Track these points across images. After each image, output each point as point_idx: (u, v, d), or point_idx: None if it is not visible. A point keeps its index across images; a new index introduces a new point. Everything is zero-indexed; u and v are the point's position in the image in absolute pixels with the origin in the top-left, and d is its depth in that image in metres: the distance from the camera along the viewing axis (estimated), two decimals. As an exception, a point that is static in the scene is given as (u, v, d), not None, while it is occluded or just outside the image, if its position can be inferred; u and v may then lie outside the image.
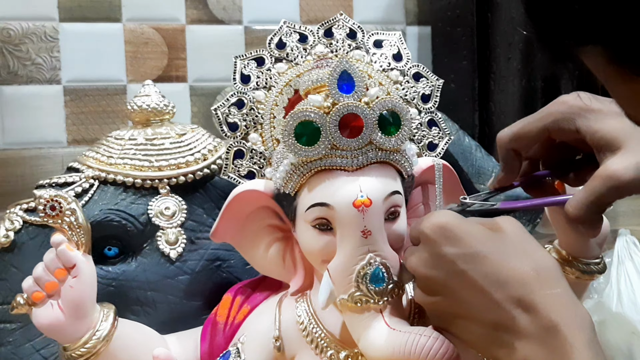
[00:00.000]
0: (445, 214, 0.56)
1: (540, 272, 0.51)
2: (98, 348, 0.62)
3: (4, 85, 1.08)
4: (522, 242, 0.54)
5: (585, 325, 0.49)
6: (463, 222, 0.55)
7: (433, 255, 0.55)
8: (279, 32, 0.70)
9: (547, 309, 0.49)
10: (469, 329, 0.54)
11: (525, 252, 0.53)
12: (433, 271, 0.55)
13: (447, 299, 0.55)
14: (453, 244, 0.53)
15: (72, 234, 0.62)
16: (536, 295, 0.50)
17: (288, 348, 0.65)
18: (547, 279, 0.51)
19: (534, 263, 0.52)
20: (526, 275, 0.51)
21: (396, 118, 0.61)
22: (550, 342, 0.48)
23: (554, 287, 0.51)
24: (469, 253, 0.53)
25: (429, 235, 0.55)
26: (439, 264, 0.54)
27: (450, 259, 0.53)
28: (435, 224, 0.55)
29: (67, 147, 1.10)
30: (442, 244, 0.54)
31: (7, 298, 0.72)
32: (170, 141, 0.77)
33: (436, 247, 0.54)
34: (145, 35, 1.13)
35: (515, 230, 0.55)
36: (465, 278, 0.52)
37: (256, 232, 0.67)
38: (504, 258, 0.52)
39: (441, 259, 0.54)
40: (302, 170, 0.61)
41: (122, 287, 0.73)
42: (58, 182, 0.74)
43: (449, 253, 0.53)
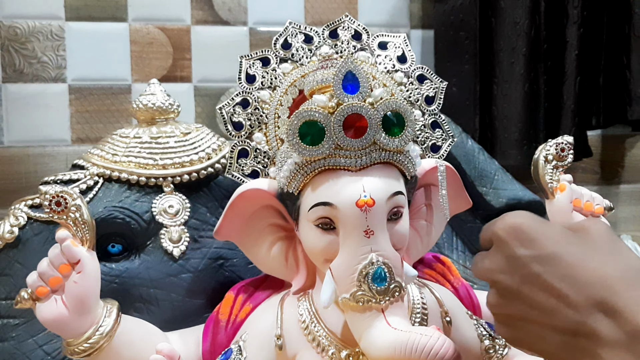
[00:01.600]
0: (520, 214, 0.52)
1: (625, 273, 0.47)
2: (101, 344, 0.62)
3: (10, 83, 1.08)
4: (605, 243, 0.50)
5: None
6: (539, 222, 0.51)
7: (506, 258, 0.51)
8: (284, 33, 0.70)
9: (632, 312, 0.45)
10: (546, 337, 0.50)
11: (609, 252, 0.49)
12: (507, 275, 0.51)
13: (521, 304, 0.50)
14: (527, 245, 0.50)
15: (77, 230, 0.63)
16: (620, 298, 0.45)
17: (290, 346, 0.65)
18: (633, 280, 0.46)
19: (618, 263, 0.48)
20: (608, 277, 0.47)
21: (400, 119, 0.61)
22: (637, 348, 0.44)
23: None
24: (544, 254, 0.49)
25: (502, 237, 0.51)
26: (512, 267, 0.50)
27: (524, 261, 0.50)
28: (509, 225, 0.51)
29: (72, 146, 1.11)
30: (515, 246, 0.50)
31: (11, 293, 0.72)
32: (175, 140, 0.77)
33: (509, 249, 0.51)
34: (150, 35, 1.13)
35: (599, 230, 0.51)
36: (540, 281, 0.49)
37: (259, 231, 0.68)
38: (583, 259, 0.48)
39: (515, 261, 0.50)
40: (305, 170, 0.61)
41: (125, 284, 0.73)
42: (63, 179, 0.75)
43: (523, 255, 0.50)
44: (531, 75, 1.14)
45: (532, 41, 1.13)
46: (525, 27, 1.13)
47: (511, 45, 1.14)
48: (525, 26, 1.13)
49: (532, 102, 1.15)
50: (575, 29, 1.15)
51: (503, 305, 0.52)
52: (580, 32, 1.15)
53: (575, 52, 1.16)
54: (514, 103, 1.14)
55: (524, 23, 1.13)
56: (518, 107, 1.14)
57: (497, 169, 0.90)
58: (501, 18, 1.15)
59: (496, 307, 0.53)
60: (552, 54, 1.16)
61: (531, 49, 1.14)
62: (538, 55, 1.14)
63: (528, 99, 1.14)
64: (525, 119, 1.14)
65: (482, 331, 0.70)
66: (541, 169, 0.71)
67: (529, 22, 1.13)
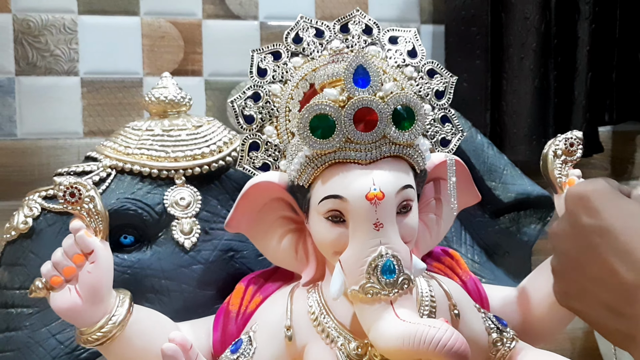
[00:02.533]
0: (593, 182, 0.52)
1: None
2: (114, 333, 0.63)
3: (23, 75, 1.09)
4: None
5: None
6: (608, 193, 0.51)
7: (571, 225, 0.52)
8: (296, 27, 0.71)
9: None
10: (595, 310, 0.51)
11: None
12: (568, 243, 0.52)
13: (579, 274, 0.51)
14: (591, 214, 0.50)
15: (91, 221, 0.64)
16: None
17: (299, 337, 0.66)
18: None
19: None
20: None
21: (410, 113, 0.62)
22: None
23: None
24: (604, 226, 0.49)
25: (570, 203, 0.52)
26: (574, 236, 0.51)
27: (586, 231, 0.50)
28: (578, 192, 0.51)
29: (84, 138, 1.12)
30: (580, 214, 0.51)
31: (25, 283, 0.73)
32: (187, 133, 0.78)
33: (575, 216, 0.51)
34: (162, 29, 1.14)
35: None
36: (596, 253, 0.49)
37: (270, 224, 0.68)
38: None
39: (578, 230, 0.51)
40: (316, 163, 0.62)
41: (137, 274, 0.74)
42: (76, 170, 0.75)
43: (585, 224, 0.50)
44: (541, 70, 1.14)
45: (543, 36, 1.13)
46: (536, 22, 1.13)
47: (521, 41, 1.14)
48: (536, 21, 1.13)
49: (542, 98, 1.15)
50: (587, 24, 1.15)
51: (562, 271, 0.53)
52: (592, 28, 1.15)
53: (587, 47, 1.16)
54: (524, 98, 1.14)
55: (534, 18, 1.13)
56: (528, 102, 1.14)
57: (506, 163, 0.90)
58: (511, 13, 1.15)
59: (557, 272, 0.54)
60: (563, 49, 1.16)
61: (541, 44, 1.14)
62: (548, 50, 1.14)
63: (538, 94, 1.14)
64: (534, 114, 1.15)
65: (489, 324, 0.70)
66: (550, 163, 0.72)
67: (540, 18, 1.13)
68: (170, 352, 0.59)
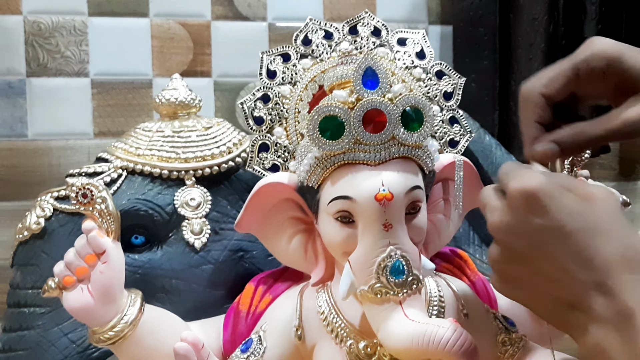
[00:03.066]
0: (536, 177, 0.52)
1: (625, 254, 0.48)
2: (125, 332, 0.64)
3: (34, 77, 1.10)
4: (612, 219, 0.50)
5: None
6: (554, 190, 0.51)
7: (517, 221, 0.52)
8: (304, 29, 0.71)
9: (625, 293, 0.47)
10: (543, 302, 0.52)
11: (614, 230, 0.50)
12: (514, 238, 0.52)
13: (525, 268, 0.52)
14: (540, 214, 0.50)
15: (103, 221, 0.64)
16: (616, 279, 0.47)
17: (309, 337, 0.66)
18: (633, 262, 0.48)
19: (621, 244, 0.49)
20: (610, 257, 0.48)
21: (419, 114, 0.62)
22: (625, 328, 0.46)
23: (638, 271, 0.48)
24: (555, 227, 0.50)
25: (516, 200, 0.51)
26: (521, 232, 0.51)
27: (535, 229, 0.50)
28: (524, 188, 0.51)
29: (94, 139, 1.13)
30: (528, 213, 0.51)
31: (37, 282, 0.74)
32: (197, 134, 0.78)
33: (521, 214, 0.51)
34: (171, 30, 1.15)
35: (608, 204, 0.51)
36: (548, 252, 0.50)
37: (279, 224, 0.69)
38: (590, 236, 0.49)
39: (525, 227, 0.51)
40: (325, 164, 0.62)
41: (147, 274, 0.74)
42: (88, 171, 0.76)
43: (535, 223, 0.50)
44: (549, 71, 1.14)
45: (551, 37, 1.13)
46: (544, 23, 1.13)
47: (529, 42, 1.14)
48: (544, 22, 1.13)
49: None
50: (593, 25, 1.15)
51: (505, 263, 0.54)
52: (598, 28, 1.15)
53: (593, 48, 1.15)
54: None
55: (542, 19, 1.13)
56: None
57: (514, 164, 0.90)
58: (519, 14, 1.15)
59: (498, 263, 0.54)
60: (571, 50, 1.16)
61: (549, 45, 1.14)
62: (556, 51, 1.14)
63: (546, 95, 1.14)
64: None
65: (498, 324, 0.70)
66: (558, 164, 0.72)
67: (548, 18, 1.13)
68: (182, 351, 0.60)
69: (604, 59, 0.57)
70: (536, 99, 0.59)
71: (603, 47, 0.57)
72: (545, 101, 0.59)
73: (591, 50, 0.58)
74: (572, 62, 0.58)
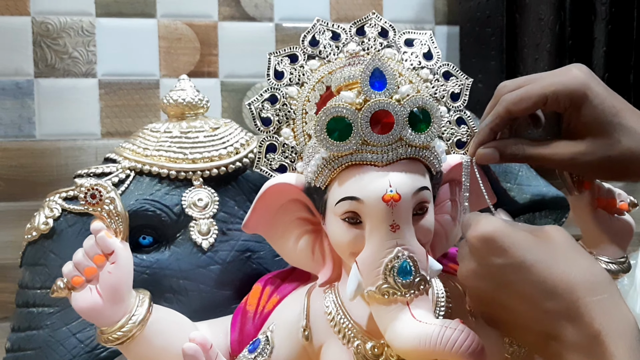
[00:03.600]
0: (491, 222, 0.56)
1: (586, 279, 0.51)
2: (134, 332, 0.64)
3: (42, 77, 1.11)
4: (569, 250, 0.53)
5: (627, 331, 0.49)
6: (509, 230, 0.54)
7: (481, 266, 0.55)
8: (312, 30, 0.71)
9: (591, 316, 0.49)
10: (524, 336, 0.54)
11: (571, 258, 0.53)
12: (482, 282, 0.55)
13: (498, 308, 0.55)
14: (499, 254, 0.53)
15: (111, 222, 0.65)
16: (581, 304, 0.49)
17: (316, 337, 0.66)
18: (594, 285, 0.51)
19: (580, 269, 0.51)
20: (573, 283, 0.50)
21: (426, 115, 0.62)
22: (594, 351, 0.48)
23: (600, 293, 0.50)
24: (516, 263, 0.53)
25: (476, 246, 0.55)
26: (487, 275, 0.55)
27: (498, 270, 0.53)
28: (481, 234, 0.55)
29: (101, 139, 1.13)
30: (488, 256, 0.54)
31: (46, 282, 0.74)
32: (204, 135, 0.79)
33: (483, 258, 0.55)
34: (178, 31, 1.15)
35: (562, 237, 0.54)
36: (514, 289, 0.53)
37: (287, 225, 0.69)
38: (551, 266, 0.52)
39: (489, 270, 0.54)
40: (333, 165, 0.62)
41: (155, 275, 0.75)
42: (96, 172, 0.76)
43: (497, 264, 0.54)
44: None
45: (557, 37, 1.13)
46: (550, 23, 1.13)
47: (536, 42, 1.14)
48: (550, 22, 1.13)
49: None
50: (603, 25, 1.15)
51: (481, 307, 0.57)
52: (608, 29, 1.15)
53: (603, 48, 1.15)
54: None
55: (548, 19, 1.13)
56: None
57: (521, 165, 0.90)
58: (526, 14, 1.15)
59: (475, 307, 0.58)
60: (578, 50, 1.16)
61: (556, 45, 1.13)
62: (563, 51, 1.14)
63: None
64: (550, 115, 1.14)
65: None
66: None
67: (554, 19, 1.13)
68: (191, 351, 0.60)
69: (569, 99, 0.61)
70: (501, 112, 0.65)
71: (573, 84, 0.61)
72: (509, 116, 0.65)
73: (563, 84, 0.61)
74: (544, 90, 0.62)
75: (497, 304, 0.55)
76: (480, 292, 0.56)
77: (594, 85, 0.61)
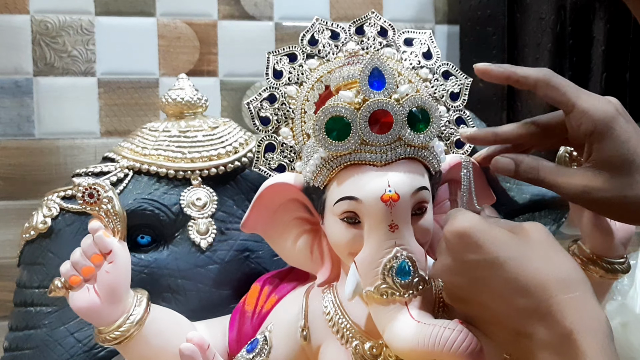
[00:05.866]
0: (467, 218, 0.56)
1: (559, 276, 0.51)
2: (131, 332, 0.64)
3: (41, 76, 1.11)
4: (543, 247, 0.53)
5: (599, 329, 0.48)
6: (485, 226, 0.54)
7: (455, 261, 0.55)
8: (311, 29, 0.71)
9: (562, 315, 0.49)
10: (497, 332, 0.54)
11: (546, 256, 0.52)
12: (456, 277, 0.55)
13: (472, 304, 0.55)
14: (474, 250, 0.53)
15: (109, 221, 0.64)
16: (553, 301, 0.49)
17: (314, 337, 0.66)
18: (566, 283, 0.50)
19: (554, 267, 0.51)
20: (544, 281, 0.50)
21: (425, 115, 0.62)
22: (565, 350, 0.48)
23: (573, 290, 0.50)
24: (489, 259, 0.53)
25: (451, 241, 0.55)
26: (461, 270, 0.55)
27: (472, 265, 0.54)
28: (456, 230, 0.55)
29: (100, 138, 1.13)
30: (463, 251, 0.54)
31: (43, 282, 0.74)
32: (203, 134, 0.78)
33: (458, 253, 0.55)
34: (178, 30, 1.15)
35: (539, 234, 0.54)
36: (487, 285, 0.53)
37: (285, 224, 0.69)
38: (524, 263, 0.52)
39: (463, 265, 0.54)
40: (331, 165, 0.62)
41: (154, 274, 0.74)
42: (94, 171, 0.76)
43: (470, 260, 0.54)
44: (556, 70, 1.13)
45: (558, 37, 1.13)
46: (551, 22, 1.13)
47: (536, 41, 1.14)
48: (551, 22, 1.13)
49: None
50: (602, 24, 1.15)
51: (455, 302, 0.57)
52: (607, 28, 1.14)
53: (602, 47, 1.15)
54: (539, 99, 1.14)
55: (549, 19, 1.13)
56: (543, 102, 1.14)
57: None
58: (527, 13, 1.15)
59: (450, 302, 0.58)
60: (578, 49, 1.16)
61: (556, 44, 1.13)
62: (563, 50, 1.14)
63: (553, 94, 1.14)
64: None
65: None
66: (565, 164, 0.72)
67: (555, 18, 1.13)
68: (188, 352, 0.60)
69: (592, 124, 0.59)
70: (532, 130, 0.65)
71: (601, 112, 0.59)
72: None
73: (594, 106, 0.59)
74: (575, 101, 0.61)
75: (470, 300, 0.55)
76: (454, 288, 0.56)
77: (622, 121, 0.58)
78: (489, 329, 0.55)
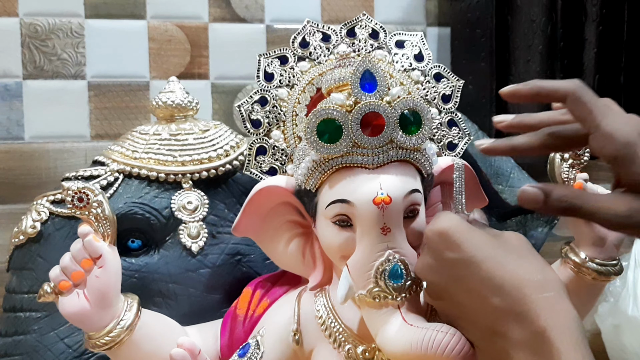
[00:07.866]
0: (448, 218, 0.57)
1: (535, 277, 0.52)
2: (122, 337, 0.64)
3: (30, 79, 1.10)
4: (520, 250, 0.55)
5: (572, 326, 0.49)
6: (465, 227, 0.56)
7: (435, 260, 0.56)
8: (302, 31, 0.71)
9: (536, 313, 0.49)
10: (472, 331, 0.55)
11: (522, 258, 0.54)
12: (436, 276, 0.56)
13: (449, 302, 0.56)
14: (453, 249, 0.55)
15: (99, 225, 0.64)
16: (528, 301, 0.50)
17: (306, 341, 0.66)
18: (541, 283, 0.51)
19: (530, 268, 0.53)
20: (520, 281, 0.51)
21: (417, 117, 0.62)
22: (540, 348, 0.49)
23: (548, 290, 0.51)
24: (467, 258, 0.54)
25: (432, 240, 0.56)
26: (440, 269, 0.56)
27: (450, 264, 0.55)
28: (437, 229, 0.56)
29: (90, 142, 1.12)
30: (443, 250, 0.55)
31: (33, 287, 0.74)
32: (194, 137, 0.78)
33: (438, 252, 0.56)
34: (168, 32, 1.14)
35: (517, 240, 0.56)
36: (464, 283, 0.54)
37: (277, 228, 0.69)
38: (501, 263, 0.53)
39: (442, 264, 0.55)
40: (323, 167, 0.62)
41: (144, 279, 0.74)
42: (84, 174, 0.76)
43: (449, 258, 0.55)
44: (547, 73, 1.14)
45: (549, 39, 1.13)
46: (542, 24, 1.13)
47: (527, 43, 1.14)
48: (542, 24, 1.13)
49: (549, 100, 1.15)
50: (594, 27, 1.15)
51: (434, 300, 0.58)
52: (599, 30, 1.15)
53: (594, 50, 1.15)
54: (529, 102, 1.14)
55: (540, 21, 1.13)
56: (533, 105, 1.14)
57: (513, 167, 0.90)
58: (517, 16, 1.15)
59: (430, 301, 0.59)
60: (570, 52, 1.16)
61: (547, 46, 1.13)
62: (554, 53, 1.14)
63: (544, 97, 1.14)
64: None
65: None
66: (557, 167, 0.72)
67: (546, 20, 1.13)
68: (179, 357, 0.60)
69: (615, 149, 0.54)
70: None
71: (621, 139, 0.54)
72: None
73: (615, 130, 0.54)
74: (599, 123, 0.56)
75: (448, 299, 0.56)
76: (434, 286, 0.57)
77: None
78: (466, 328, 0.56)
